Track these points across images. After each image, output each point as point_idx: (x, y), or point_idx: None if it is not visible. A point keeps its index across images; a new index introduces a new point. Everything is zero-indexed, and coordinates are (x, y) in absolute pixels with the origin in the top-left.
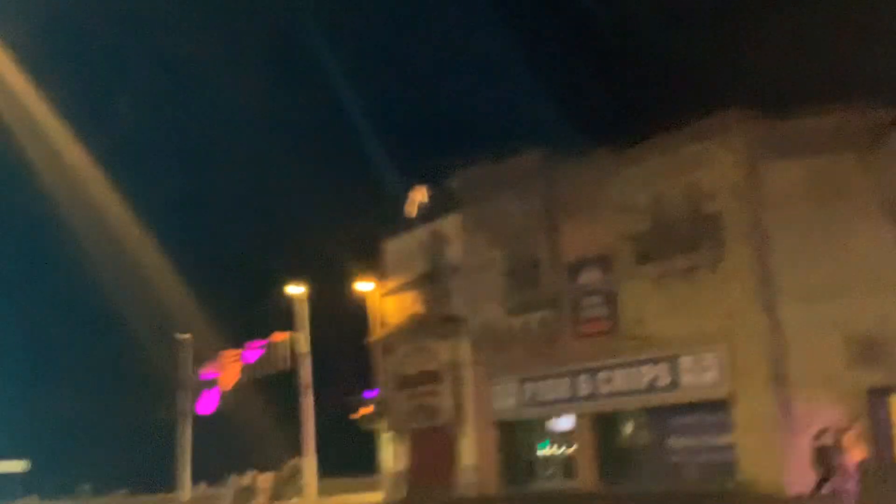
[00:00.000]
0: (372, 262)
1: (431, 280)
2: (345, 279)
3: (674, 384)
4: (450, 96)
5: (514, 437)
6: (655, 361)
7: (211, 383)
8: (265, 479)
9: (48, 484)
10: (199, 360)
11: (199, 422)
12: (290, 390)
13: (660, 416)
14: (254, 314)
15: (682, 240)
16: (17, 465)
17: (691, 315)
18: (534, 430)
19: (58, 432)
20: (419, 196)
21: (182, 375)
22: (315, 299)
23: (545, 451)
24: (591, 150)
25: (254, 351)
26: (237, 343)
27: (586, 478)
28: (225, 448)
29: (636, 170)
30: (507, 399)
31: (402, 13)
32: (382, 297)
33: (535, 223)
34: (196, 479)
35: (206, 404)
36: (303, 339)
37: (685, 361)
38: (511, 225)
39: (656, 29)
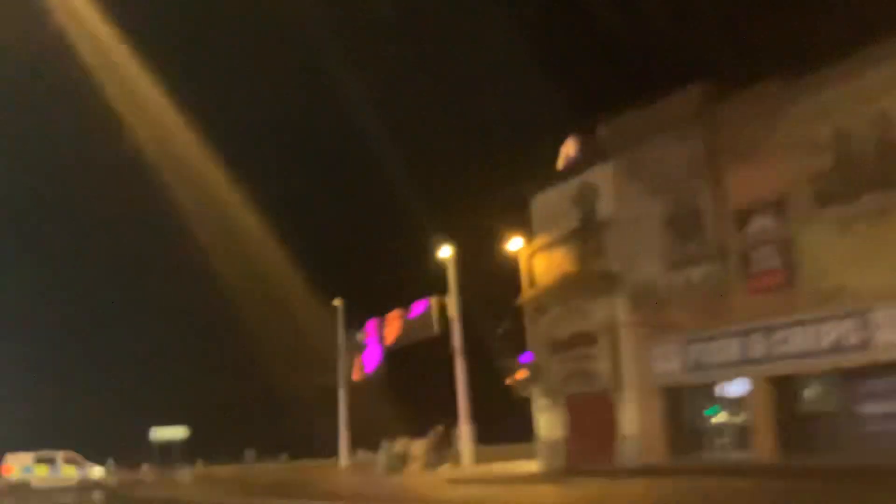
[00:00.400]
0: (521, 220)
1: (583, 235)
2: (494, 238)
3: (865, 343)
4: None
5: (680, 404)
6: (842, 317)
7: (372, 341)
8: (418, 446)
9: (211, 450)
10: (354, 326)
11: (355, 389)
12: (444, 355)
13: (848, 380)
14: (404, 279)
15: (870, 177)
16: (179, 432)
17: (884, 263)
18: (701, 395)
19: (220, 401)
20: (567, 148)
21: (338, 342)
22: (465, 261)
23: (715, 418)
24: (758, 82)
25: (415, 307)
26: (389, 310)
27: (763, 448)
28: (380, 414)
29: (813, 100)
30: (670, 362)
31: None
32: (532, 256)
33: (697, 168)
34: (353, 445)
35: (369, 361)
36: (452, 303)
37: (878, 316)
38: (669, 172)
39: None
